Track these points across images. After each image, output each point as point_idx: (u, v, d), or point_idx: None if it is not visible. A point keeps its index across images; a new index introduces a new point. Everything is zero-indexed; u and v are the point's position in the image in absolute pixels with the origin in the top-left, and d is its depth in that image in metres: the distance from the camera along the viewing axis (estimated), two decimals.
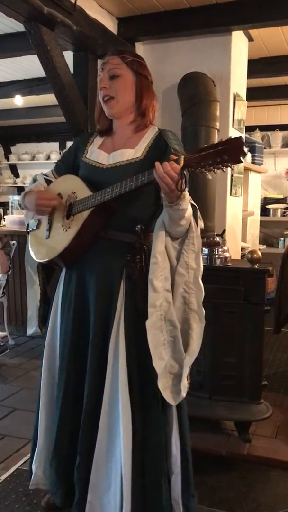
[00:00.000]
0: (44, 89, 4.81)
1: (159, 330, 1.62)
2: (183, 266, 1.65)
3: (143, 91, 1.79)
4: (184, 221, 1.60)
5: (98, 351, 1.73)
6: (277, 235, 5.99)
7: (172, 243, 1.64)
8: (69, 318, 1.82)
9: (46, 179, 1.97)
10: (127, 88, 1.76)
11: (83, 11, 2.86)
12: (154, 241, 1.62)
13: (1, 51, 3.63)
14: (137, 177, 1.56)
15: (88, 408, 1.74)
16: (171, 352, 1.64)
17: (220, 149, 1.37)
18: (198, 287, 1.66)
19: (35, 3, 2.43)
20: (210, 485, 2.34)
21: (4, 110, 6.56)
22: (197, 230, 1.66)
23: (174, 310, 1.64)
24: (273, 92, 5.26)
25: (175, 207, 1.53)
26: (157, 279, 1.61)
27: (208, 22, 3.22)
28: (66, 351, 1.82)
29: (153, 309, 1.61)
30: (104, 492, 1.73)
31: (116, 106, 1.76)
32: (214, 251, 2.78)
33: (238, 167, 3.54)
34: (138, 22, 3.36)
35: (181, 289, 1.65)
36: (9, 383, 3.57)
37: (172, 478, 1.78)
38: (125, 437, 1.66)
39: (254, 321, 2.70)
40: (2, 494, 2.23)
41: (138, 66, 1.78)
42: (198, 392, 2.79)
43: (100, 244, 1.75)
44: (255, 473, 2.44)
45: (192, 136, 3.04)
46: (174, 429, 1.78)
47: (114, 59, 1.76)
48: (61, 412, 1.82)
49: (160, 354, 1.62)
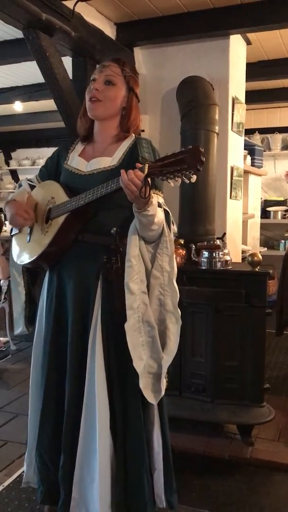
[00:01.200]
0: (43, 95, 4.81)
1: (138, 331, 1.68)
2: (157, 269, 1.72)
3: (132, 108, 1.85)
4: (156, 226, 1.66)
5: (76, 351, 1.80)
6: (278, 238, 5.99)
7: (146, 247, 1.71)
8: (50, 318, 1.88)
9: (31, 184, 2.05)
10: (117, 99, 1.82)
11: (81, 17, 2.87)
12: (128, 245, 1.68)
13: (0, 58, 3.65)
14: (107, 184, 1.64)
15: (70, 407, 1.80)
16: (150, 352, 1.71)
17: (180, 158, 1.43)
18: (173, 289, 1.73)
19: (34, 10, 2.44)
20: (213, 488, 2.33)
21: (4, 116, 6.58)
22: (170, 234, 1.72)
23: (151, 312, 1.71)
24: (272, 95, 5.26)
25: (143, 212, 1.60)
26: (133, 282, 1.67)
27: (206, 27, 3.23)
28: (47, 351, 1.88)
29: (131, 311, 1.67)
30: (87, 488, 1.77)
31: (101, 109, 1.82)
32: (214, 255, 2.79)
33: (237, 170, 3.54)
34: (136, 27, 3.36)
35: (157, 292, 1.72)
36: (11, 388, 3.56)
37: (154, 474, 1.85)
38: (102, 435, 1.72)
39: (255, 324, 2.70)
40: (5, 500, 2.23)
41: (133, 83, 1.85)
42: (200, 396, 2.79)
43: (77, 246, 1.81)
44: (258, 477, 2.44)
45: (191, 140, 3.05)
46: (155, 427, 1.84)
47: (115, 67, 1.81)
48: (43, 410, 1.88)
49: (139, 355, 1.68)
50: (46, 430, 1.87)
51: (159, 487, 1.85)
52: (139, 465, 1.77)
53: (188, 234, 3.06)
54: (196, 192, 3.06)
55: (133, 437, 1.77)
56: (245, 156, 4.20)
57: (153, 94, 3.55)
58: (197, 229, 3.07)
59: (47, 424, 1.87)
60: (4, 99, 5.26)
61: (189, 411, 2.74)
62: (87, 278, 1.79)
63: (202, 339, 2.80)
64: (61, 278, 1.86)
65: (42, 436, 1.88)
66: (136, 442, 1.77)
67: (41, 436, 1.89)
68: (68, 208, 1.76)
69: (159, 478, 1.85)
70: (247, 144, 4.45)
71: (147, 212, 1.59)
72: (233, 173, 3.45)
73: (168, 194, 1.79)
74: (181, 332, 2.77)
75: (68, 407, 1.80)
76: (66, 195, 1.79)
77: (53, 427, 1.85)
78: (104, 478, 1.73)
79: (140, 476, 1.76)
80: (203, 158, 1.42)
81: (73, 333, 1.80)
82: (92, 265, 1.78)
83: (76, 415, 1.78)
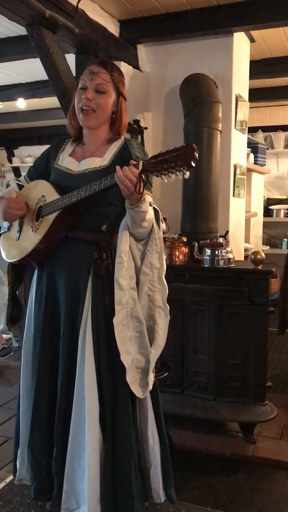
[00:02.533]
0: (47, 92, 4.81)
1: (126, 326, 1.73)
2: (147, 265, 1.76)
3: (122, 112, 1.89)
4: (146, 223, 1.70)
5: (68, 346, 1.82)
6: (281, 236, 5.98)
7: (136, 244, 1.76)
8: (40, 316, 1.90)
9: (19, 184, 2.07)
10: (108, 106, 1.85)
11: (85, 14, 2.86)
12: (118, 241, 1.73)
13: (4, 55, 3.65)
14: (100, 180, 1.67)
15: (61, 401, 1.82)
16: (138, 347, 1.75)
17: (174, 155, 1.48)
18: (162, 285, 1.78)
19: (37, 7, 2.44)
20: (214, 487, 2.34)
21: (7, 113, 6.57)
22: (159, 232, 1.77)
23: (140, 307, 1.75)
24: (275, 93, 5.25)
25: (136, 209, 1.64)
26: (123, 278, 1.71)
27: (209, 24, 3.22)
28: (38, 349, 1.90)
29: (119, 306, 1.72)
30: (78, 481, 1.79)
31: (95, 119, 1.85)
32: (217, 253, 2.78)
33: (240, 168, 3.54)
34: (140, 25, 3.36)
35: (146, 288, 1.77)
36: (13, 385, 3.57)
37: (151, 469, 1.88)
38: (91, 429, 1.75)
39: (258, 322, 2.69)
40: (7, 496, 2.23)
41: (122, 87, 1.88)
42: (203, 394, 2.79)
43: (68, 243, 1.84)
44: (260, 475, 2.44)
45: (194, 138, 3.04)
46: (149, 422, 1.87)
47: (104, 74, 1.82)
48: (35, 407, 1.89)
49: (127, 350, 1.72)
50: (39, 425, 1.89)
51: (156, 482, 1.88)
52: (127, 460, 1.78)
53: (190, 232, 3.06)
54: (199, 190, 3.05)
55: (121, 432, 1.79)
56: (248, 154, 4.20)
57: (156, 91, 3.55)
58: (200, 227, 3.07)
59: (40, 419, 1.88)
60: (7, 96, 5.26)
61: (191, 409, 2.74)
62: (78, 274, 1.82)
63: (204, 337, 2.80)
64: (51, 275, 1.88)
65: (34, 432, 1.90)
66: (124, 437, 1.79)
67: (33, 432, 1.90)
68: (60, 205, 1.78)
69: (156, 473, 1.88)
70: (250, 142, 4.44)
71: (139, 209, 1.64)
72: (236, 171, 3.45)
73: (171, 192, 1.81)
74: (184, 330, 2.82)
75: (60, 401, 1.83)
76: (57, 193, 1.82)
77: (46, 422, 1.87)
78: (93, 471, 1.75)
79: (127, 471, 1.78)
80: (197, 154, 1.46)
81: (65, 328, 1.83)
82: (83, 261, 1.81)
83: (67, 409, 1.81)
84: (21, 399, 2.00)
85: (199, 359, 2.82)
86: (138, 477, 1.84)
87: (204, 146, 3.04)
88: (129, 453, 1.79)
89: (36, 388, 1.89)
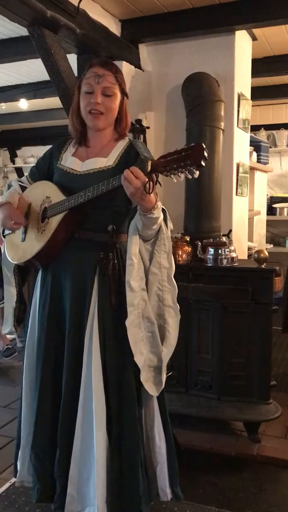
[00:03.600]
0: (49, 92, 4.82)
1: (138, 327, 1.74)
2: (156, 265, 1.76)
3: (127, 112, 1.91)
4: (156, 226, 1.71)
5: (74, 346, 1.81)
6: (284, 234, 5.97)
7: (144, 245, 1.75)
8: (44, 317, 1.89)
9: (21, 185, 2.06)
10: (116, 108, 1.86)
11: (86, 14, 2.86)
12: (128, 244, 1.72)
13: (6, 56, 3.65)
14: (108, 181, 1.67)
15: (66, 402, 1.81)
16: (150, 347, 1.76)
17: (183, 154, 1.48)
18: (172, 284, 1.79)
19: (38, 7, 2.44)
20: (219, 486, 2.33)
21: (9, 114, 6.59)
22: (167, 231, 1.77)
23: (150, 308, 1.76)
24: (278, 91, 5.24)
25: (149, 215, 1.64)
26: (133, 280, 1.71)
27: (211, 22, 3.21)
28: (41, 350, 1.89)
29: (131, 308, 1.72)
30: (83, 484, 1.78)
31: (104, 121, 1.85)
32: (220, 252, 2.78)
33: (243, 167, 3.53)
34: (141, 24, 3.35)
35: (155, 288, 1.77)
36: (17, 385, 3.57)
37: (157, 468, 1.88)
38: (98, 431, 1.74)
39: (262, 320, 2.69)
40: (12, 496, 2.24)
41: (124, 87, 1.89)
42: (207, 393, 2.79)
43: (74, 244, 1.83)
44: (265, 474, 2.43)
45: (197, 137, 3.04)
46: (156, 421, 1.87)
47: (110, 76, 1.82)
48: (38, 408, 1.88)
49: (140, 350, 1.74)
50: (42, 428, 1.87)
51: (163, 481, 1.89)
52: (134, 460, 1.78)
53: (194, 231, 3.06)
54: (202, 189, 3.05)
55: (127, 433, 1.79)
56: (251, 153, 4.19)
57: (158, 90, 3.55)
58: (203, 226, 3.07)
59: (43, 422, 1.87)
60: (9, 96, 5.27)
61: (195, 408, 2.74)
62: (84, 274, 1.81)
63: (208, 336, 2.80)
64: (56, 276, 1.87)
65: (38, 434, 1.88)
66: (131, 437, 1.79)
67: (36, 434, 1.88)
68: (67, 206, 1.77)
69: (162, 471, 1.89)
70: (253, 140, 4.43)
71: (152, 215, 1.64)
72: (239, 170, 3.44)
73: (174, 191, 1.81)
74: (188, 329, 2.82)
75: (64, 403, 1.81)
76: (62, 194, 1.81)
77: (49, 425, 1.86)
78: (101, 474, 1.75)
79: (135, 471, 1.78)
80: (206, 154, 1.47)
81: (70, 328, 1.81)
82: (89, 261, 1.80)
83: (72, 411, 1.80)
84: (23, 400, 1.99)
85: (203, 358, 2.82)
86: (145, 477, 1.84)
87: (206, 145, 2.92)
88: (136, 453, 1.79)
89: (39, 390, 1.88)
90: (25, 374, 1.99)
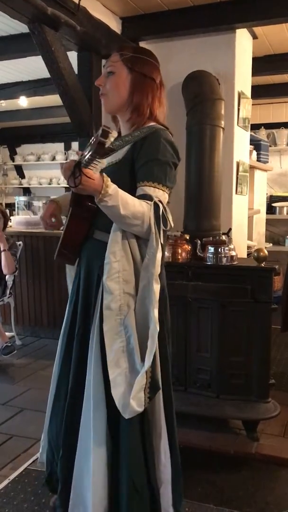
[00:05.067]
0: (49, 90, 4.82)
1: (118, 335, 1.59)
2: (144, 269, 1.60)
3: (134, 88, 1.73)
4: (131, 220, 1.55)
5: (80, 346, 1.78)
6: (284, 233, 5.97)
7: (139, 244, 1.63)
8: (69, 312, 1.89)
9: None
10: (119, 85, 1.73)
11: (87, 11, 2.86)
12: (109, 240, 1.62)
13: (6, 53, 3.65)
14: None
15: (70, 402, 1.78)
16: (130, 361, 1.59)
17: (93, 142, 1.42)
18: (151, 291, 1.57)
19: (39, 4, 2.44)
20: (218, 484, 2.33)
21: (9, 111, 6.58)
22: (157, 230, 1.58)
23: (136, 316, 1.60)
24: (278, 90, 5.24)
25: (101, 204, 1.53)
26: (112, 281, 1.59)
27: (212, 21, 3.21)
28: (64, 343, 1.89)
29: (108, 311, 1.59)
30: (86, 489, 1.71)
31: (107, 103, 1.78)
32: (220, 250, 2.78)
33: (243, 166, 3.53)
34: (142, 22, 3.35)
35: (143, 294, 1.60)
36: (16, 383, 3.58)
37: (161, 487, 1.76)
38: (96, 437, 1.67)
39: (261, 319, 2.69)
40: (11, 493, 2.24)
41: (134, 63, 1.74)
42: (206, 391, 2.79)
43: (88, 243, 1.80)
44: (264, 472, 2.44)
45: (197, 135, 3.04)
46: (162, 438, 1.74)
47: (114, 55, 1.76)
48: (54, 401, 1.89)
49: (117, 361, 1.58)
50: (56, 420, 1.89)
51: (166, 500, 1.77)
52: (129, 480, 1.66)
53: (193, 229, 3.06)
54: (202, 187, 3.05)
55: (127, 449, 1.68)
56: (251, 151, 4.19)
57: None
58: (203, 224, 3.07)
59: (57, 414, 1.88)
60: (9, 94, 5.27)
61: (194, 407, 2.74)
62: (92, 274, 1.78)
63: (207, 334, 2.80)
64: (78, 273, 1.86)
65: (52, 425, 1.91)
66: (130, 449, 1.67)
67: (51, 424, 1.91)
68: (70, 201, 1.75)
69: (166, 490, 1.77)
70: (253, 139, 4.43)
71: (105, 203, 1.52)
72: (238, 168, 3.44)
73: (174, 189, 1.76)
74: (187, 328, 2.82)
75: (69, 404, 1.79)
76: None
77: (61, 419, 1.85)
78: (97, 484, 1.67)
79: (129, 493, 1.66)
80: (102, 140, 1.37)
81: (79, 328, 1.80)
82: (96, 262, 1.75)
83: (77, 412, 1.75)
84: (51, 386, 1.98)
85: (202, 357, 2.82)
86: (144, 497, 1.70)
87: (206, 143, 3.04)
88: (132, 473, 1.66)
89: (57, 382, 1.90)
90: (56, 363, 1.97)
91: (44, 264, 4.56)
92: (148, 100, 1.75)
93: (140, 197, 1.60)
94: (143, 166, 1.65)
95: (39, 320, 4.66)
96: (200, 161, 3.05)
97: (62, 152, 8.02)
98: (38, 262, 4.59)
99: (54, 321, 4.53)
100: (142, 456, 1.69)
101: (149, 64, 1.79)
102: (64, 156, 7.95)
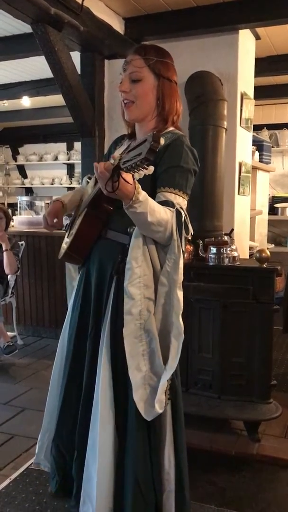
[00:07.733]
0: (52, 90, 4.83)
1: (138, 339, 1.59)
2: (165, 275, 1.60)
3: (165, 96, 1.72)
4: (156, 227, 1.54)
5: (92, 347, 1.75)
6: (286, 234, 5.97)
7: (157, 250, 1.62)
8: (76, 312, 1.86)
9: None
10: (148, 93, 1.69)
11: (90, 12, 2.86)
12: (130, 246, 1.60)
13: (9, 53, 3.65)
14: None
15: (84, 402, 1.77)
16: (151, 364, 1.60)
17: (136, 148, 1.33)
18: (176, 298, 1.59)
19: (42, 4, 2.44)
20: (219, 485, 2.33)
21: (11, 111, 6.60)
22: (179, 238, 1.58)
23: (155, 321, 1.60)
24: (281, 91, 5.24)
25: (130, 210, 1.49)
26: (133, 286, 1.58)
27: (215, 21, 3.21)
28: (72, 344, 1.85)
29: (129, 317, 1.58)
30: (94, 487, 1.69)
31: (136, 111, 1.72)
32: (222, 251, 2.78)
33: (246, 166, 3.53)
34: (145, 22, 3.35)
35: (163, 300, 1.61)
36: (18, 383, 3.58)
37: (164, 495, 1.72)
38: (103, 439, 1.65)
39: (262, 320, 2.69)
40: (12, 493, 2.24)
41: (161, 68, 1.70)
42: (207, 392, 2.79)
43: (100, 243, 1.77)
44: (265, 473, 2.43)
45: (199, 136, 3.04)
46: (167, 444, 1.70)
47: (137, 60, 1.69)
48: (63, 405, 1.85)
49: (137, 365, 1.58)
50: (66, 422, 1.84)
51: (168, 509, 1.72)
52: (132, 489, 1.65)
53: (195, 230, 3.01)
54: (204, 188, 3.05)
55: (129, 452, 1.67)
56: (253, 152, 4.18)
57: None
58: (205, 225, 3.07)
59: (68, 416, 1.83)
60: (12, 94, 5.28)
61: (195, 407, 2.74)
62: (104, 275, 1.75)
63: (209, 335, 2.80)
64: (88, 274, 1.83)
65: (61, 429, 1.86)
66: (135, 452, 1.65)
67: (59, 428, 1.86)
68: (86, 202, 1.74)
69: (169, 500, 1.72)
70: (255, 140, 4.43)
71: (134, 210, 1.48)
72: (241, 169, 3.44)
73: None
74: (188, 328, 2.80)
75: (83, 403, 1.77)
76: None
77: (72, 422, 1.82)
78: (102, 485, 1.65)
79: (132, 502, 1.64)
80: (155, 145, 1.27)
81: (91, 329, 1.77)
82: (109, 263, 1.73)
83: (89, 412, 1.73)
84: (50, 387, 1.96)
85: (203, 357, 2.82)
86: (149, 501, 1.67)
87: (209, 144, 3.03)
88: (137, 481, 1.64)
89: (65, 387, 1.84)
90: (56, 362, 1.95)
91: (46, 264, 4.57)
92: (176, 105, 1.76)
93: (161, 203, 1.58)
94: (165, 172, 1.63)
95: (40, 319, 4.67)
96: (203, 161, 3.04)
97: (64, 152, 8.02)
98: (40, 262, 4.60)
99: (56, 321, 4.53)
100: (148, 458, 1.68)
101: (170, 67, 1.76)
102: (66, 156, 7.96)
